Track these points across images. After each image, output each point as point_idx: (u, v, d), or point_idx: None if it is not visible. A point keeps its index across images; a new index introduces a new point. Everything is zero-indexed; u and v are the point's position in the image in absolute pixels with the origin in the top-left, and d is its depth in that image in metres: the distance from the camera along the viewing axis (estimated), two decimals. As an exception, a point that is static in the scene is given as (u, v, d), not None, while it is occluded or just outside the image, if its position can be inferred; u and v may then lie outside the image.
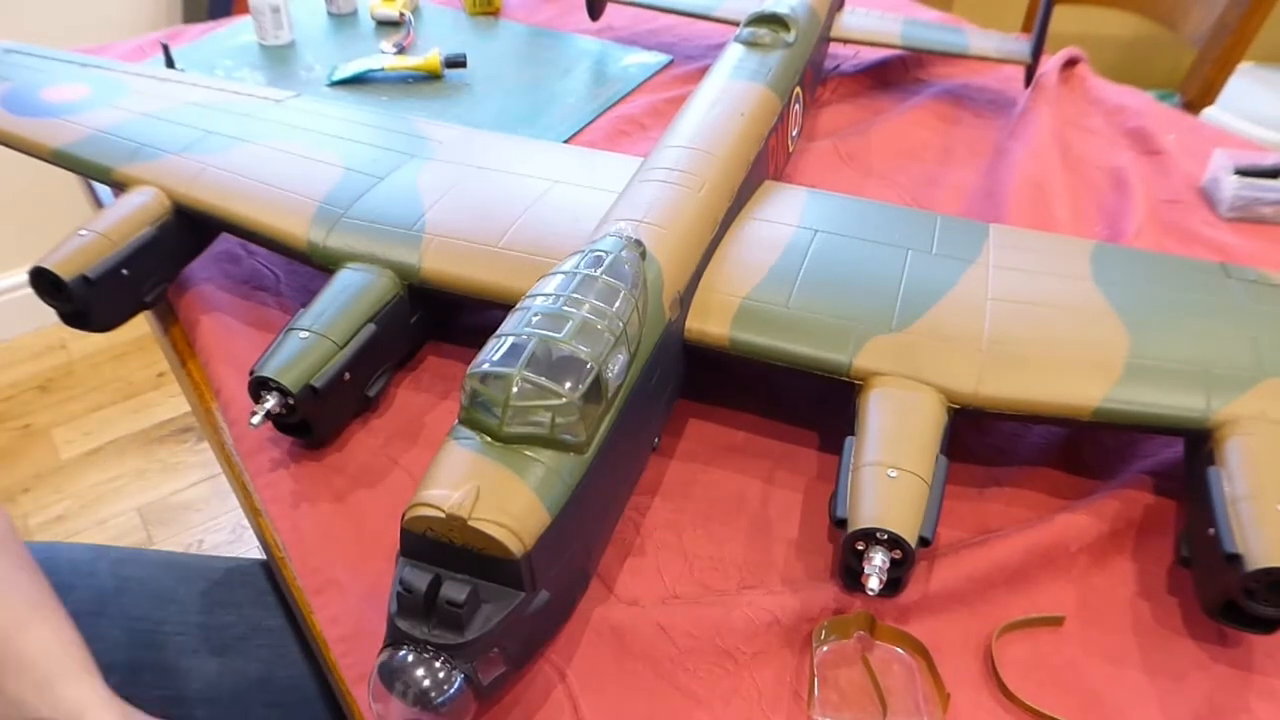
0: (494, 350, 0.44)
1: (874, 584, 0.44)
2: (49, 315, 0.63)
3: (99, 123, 0.71)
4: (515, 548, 0.39)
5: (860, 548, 0.45)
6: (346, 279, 0.59)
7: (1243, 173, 0.80)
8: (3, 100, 0.74)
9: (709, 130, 0.65)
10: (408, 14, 1.09)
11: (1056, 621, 0.48)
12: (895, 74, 1.04)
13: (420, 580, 0.39)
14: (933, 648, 0.46)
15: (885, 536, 0.44)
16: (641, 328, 0.49)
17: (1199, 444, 0.50)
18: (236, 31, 1.07)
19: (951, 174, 0.86)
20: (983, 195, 0.82)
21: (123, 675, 0.56)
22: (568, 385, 0.43)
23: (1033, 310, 0.56)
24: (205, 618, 0.61)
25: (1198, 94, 1.31)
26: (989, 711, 0.44)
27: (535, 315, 0.46)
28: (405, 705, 0.39)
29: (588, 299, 0.46)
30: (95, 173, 0.69)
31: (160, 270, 0.66)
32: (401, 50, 1.03)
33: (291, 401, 0.53)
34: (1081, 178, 0.86)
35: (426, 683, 0.38)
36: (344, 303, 0.57)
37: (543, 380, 0.42)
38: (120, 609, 0.59)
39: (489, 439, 0.43)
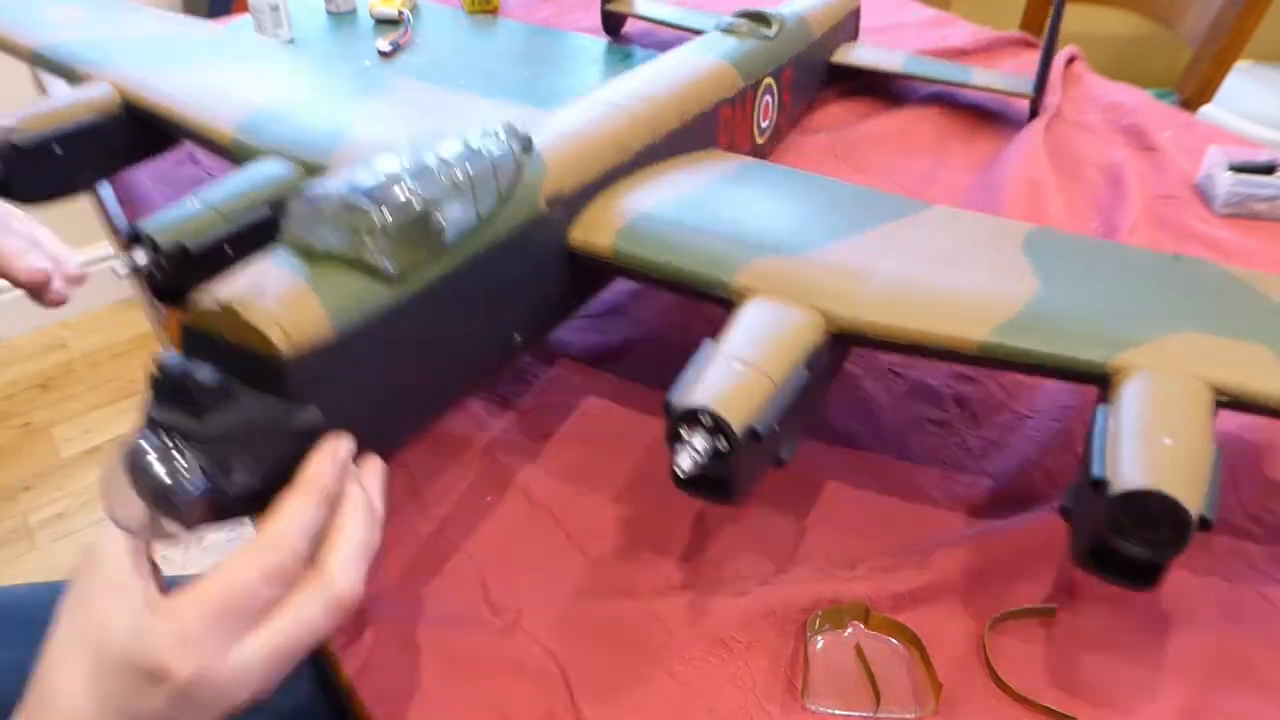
0: (326, 177, 0.44)
1: (683, 461, 0.41)
2: (50, 314, 0.63)
3: (82, 34, 0.76)
4: (281, 344, 0.38)
5: (683, 432, 0.42)
6: (260, 167, 0.60)
7: (1237, 169, 0.80)
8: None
9: (651, 78, 0.66)
10: (406, 12, 1.10)
11: (1049, 612, 0.48)
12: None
13: (176, 365, 0.37)
14: (926, 638, 0.46)
15: (710, 421, 0.41)
16: (500, 201, 0.48)
17: (1100, 393, 0.47)
18: (236, 29, 1.08)
19: (946, 171, 0.87)
20: (978, 192, 0.83)
21: None
22: (384, 209, 0.42)
23: (942, 258, 0.53)
24: None
25: (1195, 92, 1.31)
26: (981, 701, 0.45)
27: (381, 153, 0.45)
28: (138, 496, 0.36)
29: (439, 152, 0.46)
30: (66, 74, 0.72)
31: (98, 160, 0.68)
32: (398, 48, 1.04)
33: (163, 261, 0.52)
34: (1076, 174, 0.86)
35: (161, 470, 0.36)
36: (245, 184, 0.58)
37: (359, 200, 0.41)
38: None
39: (296, 253, 0.42)
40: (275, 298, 0.39)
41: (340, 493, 0.39)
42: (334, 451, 0.39)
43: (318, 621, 0.36)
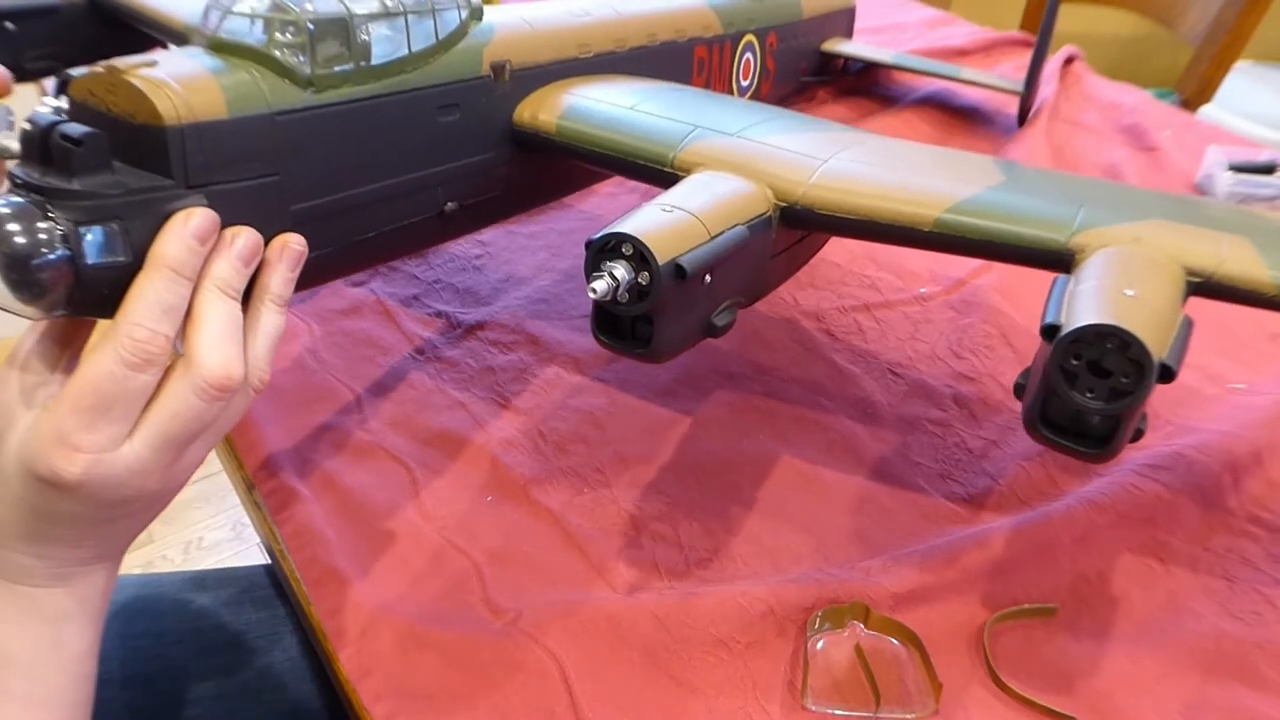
0: None
1: (598, 285, 0.39)
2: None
3: None
4: (165, 110, 0.36)
5: (604, 263, 0.40)
6: None
7: (1237, 169, 0.80)
8: None
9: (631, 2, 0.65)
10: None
11: (1049, 612, 0.48)
12: (891, 73, 1.04)
13: (45, 118, 0.35)
14: (926, 638, 0.46)
15: (630, 251, 0.39)
16: (437, 50, 0.48)
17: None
18: None
19: (947, 170, 0.87)
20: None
21: (138, 689, 0.57)
22: (306, 5, 0.41)
23: (900, 159, 0.50)
24: (199, 624, 0.62)
25: (1195, 92, 1.31)
26: (981, 701, 0.45)
27: None
28: None
29: None
30: None
31: (51, 45, 0.66)
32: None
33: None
34: (1076, 174, 0.86)
35: (15, 228, 0.33)
36: None
37: None
38: (117, 630, 0.60)
39: (208, 49, 0.41)
40: (167, 72, 0.37)
41: (198, 269, 0.37)
42: (183, 223, 0.36)
43: (192, 406, 0.35)
